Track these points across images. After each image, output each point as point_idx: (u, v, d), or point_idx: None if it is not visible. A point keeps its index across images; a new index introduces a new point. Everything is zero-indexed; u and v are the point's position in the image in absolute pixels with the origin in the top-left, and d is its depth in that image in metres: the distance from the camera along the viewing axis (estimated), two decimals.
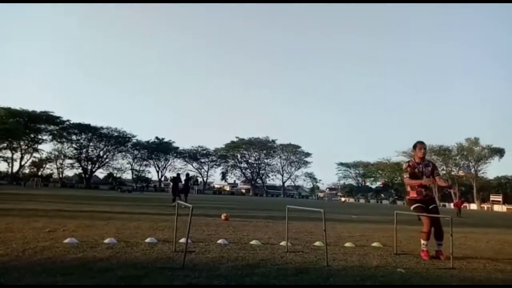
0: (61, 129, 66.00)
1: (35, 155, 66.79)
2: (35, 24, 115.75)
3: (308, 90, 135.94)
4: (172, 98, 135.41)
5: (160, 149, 77.35)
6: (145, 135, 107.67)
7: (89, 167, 70.33)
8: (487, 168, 69.83)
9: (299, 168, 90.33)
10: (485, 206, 62.43)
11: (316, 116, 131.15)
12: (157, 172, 79.29)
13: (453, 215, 12.32)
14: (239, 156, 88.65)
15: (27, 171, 70.26)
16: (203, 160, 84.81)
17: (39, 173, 69.81)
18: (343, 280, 3.73)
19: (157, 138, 78.47)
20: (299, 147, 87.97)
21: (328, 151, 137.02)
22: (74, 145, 68.74)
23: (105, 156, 71.71)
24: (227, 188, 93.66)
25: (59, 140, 66.65)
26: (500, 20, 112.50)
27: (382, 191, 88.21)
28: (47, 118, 63.25)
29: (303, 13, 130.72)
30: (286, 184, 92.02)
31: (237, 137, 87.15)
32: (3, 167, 70.67)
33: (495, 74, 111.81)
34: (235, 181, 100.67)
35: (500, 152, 67.75)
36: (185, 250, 4.04)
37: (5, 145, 58.99)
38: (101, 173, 78.15)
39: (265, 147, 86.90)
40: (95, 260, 3.97)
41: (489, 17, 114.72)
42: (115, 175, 76.59)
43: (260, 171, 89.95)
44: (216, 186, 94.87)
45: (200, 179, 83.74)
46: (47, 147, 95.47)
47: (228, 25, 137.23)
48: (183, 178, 18.07)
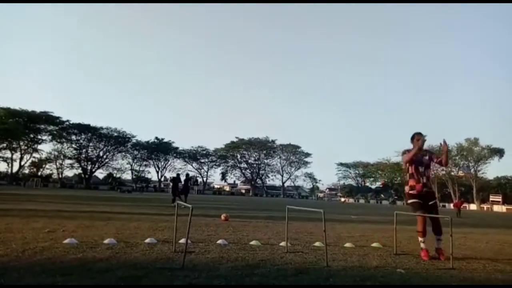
0: (61, 129, 65.98)
1: (34, 155, 66.95)
2: (35, 24, 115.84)
3: (308, 90, 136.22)
4: (172, 98, 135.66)
5: (159, 149, 77.38)
6: (144, 135, 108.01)
7: (89, 167, 70.33)
8: (487, 169, 70.06)
9: (299, 168, 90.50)
10: (485, 206, 62.47)
11: (316, 116, 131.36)
12: (157, 172, 79.47)
13: (452, 215, 12.32)
14: (239, 156, 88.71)
15: (26, 171, 70.29)
16: (203, 160, 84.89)
17: (39, 173, 69.84)
18: (343, 280, 3.73)
19: (156, 138, 78.55)
20: (299, 147, 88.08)
21: (328, 151, 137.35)
22: (73, 145, 68.74)
23: (104, 156, 71.74)
24: (227, 189, 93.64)
25: (58, 140, 66.64)
26: (500, 20, 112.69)
27: (382, 191, 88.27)
28: (46, 118, 63.24)
29: (303, 13, 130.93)
30: (286, 185, 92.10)
31: (236, 137, 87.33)
32: (2, 167, 71.03)
33: (495, 74, 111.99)
34: (235, 182, 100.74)
35: (499, 153, 67.84)
36: (185, 251, 4.04)
37: (4, 145, 59.00)
38: (100, 174, 78.33)
39: (264, 147, 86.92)
40: (95, 260, 3.97)
41: (489, 17, 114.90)
42: (114, 175, 76.62)
43: (260, 171, 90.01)
44: (216, 187, 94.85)
45: (200, 179, 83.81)
46: (46, 147, 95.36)
47: (228, 25, 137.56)
48: (183, 178, 18.04)
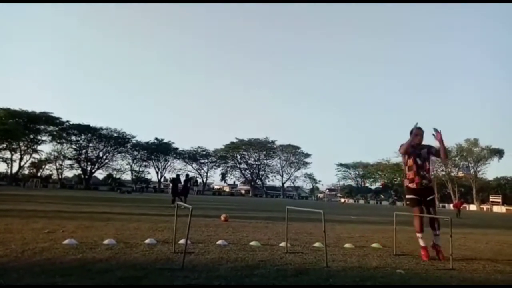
0: (61, 130, 65.94)
1: (34, 156, 66.93)
2: (35, 24, 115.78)
3: (308, 90, 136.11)
4: (172, 99, 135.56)
5: (159, 150, 77.37)
6: (144, 135, 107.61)
7: (89, 168, 70.27)
8: (487, 169, 70.06)
9: (299, 169, 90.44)
10: (485, 207, 62.46)
11: (315, 116, 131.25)
12: (157, 173, 79.44)
13: (452, 216, 12.31)
14: (238, 157, 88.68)
15: (26, 172, 70.26)
16: (202, 161, 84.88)
17: (39, 174, 69.82)
18: (343, 281, 3.73)
19: (156, 139, 78.54)
20: (299, 148, 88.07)
21: (328, 152, 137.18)
22: (73, 146, 68.68)
23: (104, 157, 71.69)
24: (227, 189, 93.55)
25: (58, 141, 66.60)
26: (500, 20, 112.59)
27: (382, 192, 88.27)
28: (46, 119, 63.22)
29: (303, 13, 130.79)
30: (285, 185, 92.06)
31: (236, 138, 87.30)
32: (2, 168, 71.01)
33: (495, 74, 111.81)
34: (234, 182, 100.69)
35: (499, 153, 67.84)
36: (184, 251, 4.03)
37: (4, 146, 58.97)
38: (100, 174, 78.26)
39: (264, 148, 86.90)
40: (95, 261, 3.96)
41: (489, 17, 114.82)
42: (114, 176, 76.58)
43: (260, 172, 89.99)
44: (216, 187, 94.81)
45: (199, 180, 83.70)
46: (46, 148, 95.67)
47: (228, 25, 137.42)
48: (182, 179, 18.02)
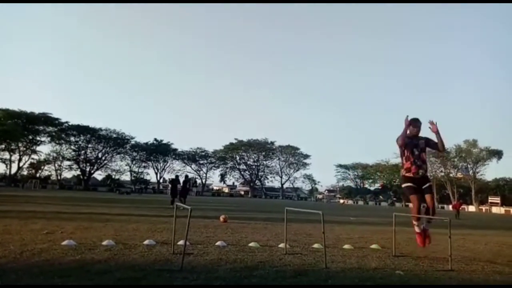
0: (60, 130, 65.82)
1: (33, 156, 66.67)
2: (34, 24, 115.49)
3: (307, 90, 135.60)
4: (171, 99, 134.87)
5: (158, 151, 77.29)
6: (143, 136, 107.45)
7: (88, 169, 70.13)
8: (485, 170, 69.87)
9: (298, 169, 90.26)
10: (484, 208, 62.51)
11: (315, 117, 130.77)
12: (156, 174, 79.30)
13: (451, 217, 12.33)
14: (237, 158, 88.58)
15: (25, 172, 70.05)
16: (201, 162, 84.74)
17: (37, 174, 69.61)
18: (342, 282, 3.74)
19: (155, 139, 78.44)
20: (298, 149, 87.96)
21: (327, 153, 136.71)
22: (72, 147, 68.54)
23: (103, 158, 71.56)
24: (226, 190, 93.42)
25: (57, 141, 66.46)
26: (500, 20, 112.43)
27: (381, 193, 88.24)
28: (45, 120, 63.12)
29: (303, 13, 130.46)
30: (285, 186, 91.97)
31: (236, 138, 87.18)
32: (1, 168, 70.66)
33: (495, 74, 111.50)
34: (233, 183, 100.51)
35: (498, 154, 67.88)
36: (183, 252, 4.03)
37: (3, 146, 58.85)
38: (99, 175, 78.02)
39: (263, 148, 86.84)
40: (93, 262, 3.96)
41: (489, 17, 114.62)
42: (113, 177, 76.42)
43: (259, 173, 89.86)
44: (215, 188, 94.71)
45: (198, 181, 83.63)
46: (45, 149, 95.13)
47: (228, 25, 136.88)
48: (181, 180, 18.01)
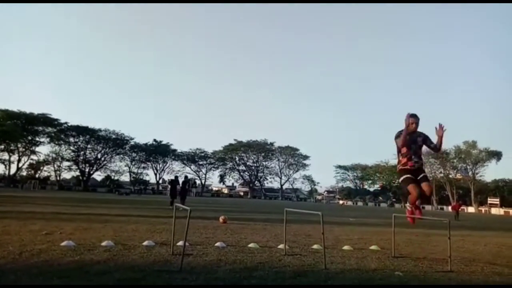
0: (59, 131, 65.78)
1: (32, 157, 66.60)
2: (34, 24, 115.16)
3: (307, 91, 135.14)
4: (171, 100, 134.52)
5: (158, 152, 77.25)
6: (143, 137, 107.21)
7: (87, 170, 70.06)
8: (485, 171, 69.91)
9: (297, 170, 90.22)
10: (483, 209, 62.52)
11: (314, 118, 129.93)
12: (155, 174, 79.25)
13: (451, 218, 12.34)
14: (237, 158, 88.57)
15: (24, 173, 69.89)
16: (201, 163, 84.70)
17: (37, 175, 69.44)
18: (341, 283, 3.73)
19: (155, 140, 78.42)
20: (297, 150, 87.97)
21: (326, 154, 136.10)
22: (71, 148, 68.48)
23: (103, 159, 71.51)
24: (225, 191, 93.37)
25: (56, 142, 66.40)
26: (500, 20, 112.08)
27: (380, 194, 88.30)
28: (44, 120, 63.09)
29: (302, 14, 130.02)
30: (284, 187, 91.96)
31: (235, 139, 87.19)
32: (0, 169, 70.24)
33: (495, 75, 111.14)
34: (233, 184, 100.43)
35: (497, 155, 67.94)
36: (182, 253, 4.03)
37: (2, 147, 58.79)
38: (98, 176, 77.85)
39: (263, 149, 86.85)
40: (93, 263, 3.95)
41: (489, 17, 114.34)
42: (112, 177, 76.32)
43: (258, 174, 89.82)
44: (214, 189, 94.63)
45: (198, 181, 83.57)
46: (44, 150, 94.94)
47: (228, 26, 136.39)
48: (181, 180, 18.03)
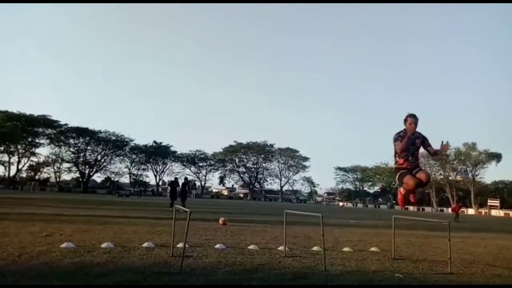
0: (59, 132, 65.77)
1: (32, 159, 66.53)
2: (34, 25, 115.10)
3: (307, 93, 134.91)
4: (171, 101, 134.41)
5: (158, 153, 77.23)
6: (143, 139, 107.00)
7: (87, 171, 70.00)
8: (485, 173, 69.93)
9: (297, 172, 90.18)
10: (483, 211, 62.47)
11: (314, 119, 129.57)
12: (155, 176, 79.20)
13: (451, 220, 12.31)
14: (237, 160, 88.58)
15: (24, 175, 69.85)
16: (201, 164, 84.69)
17: (37, 177, 69.38)
18: (341, 285, 3.73)
19: (155, 142, 78.43)
20: (297, 151, 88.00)
21: (326, 155, 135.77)
22: (71, 149, 68.45)
23: (102, 160, 71.48)
24: (225, 193, 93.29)
25: (56, 144, 66.40)
26: (500, 20, 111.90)
27: (380, 195, 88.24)
28: (44, 122, 63.11)
29: (302, 15, 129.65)
30: (284, 189, 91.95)
31: (235, 141, 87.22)
32: (0, 171, 70.20)
33: (495, 76, 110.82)
34: (233, 186, 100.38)
35: (497, 157, 67.97)
36: (182, 255, 4.02)
37: (2, 148, 58.80)
38: (98, 177, 77.80)
39: (263, 151, 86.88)
40: (92, 264, 3.95)
41: (489, 17, 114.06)
42: (112, 179, 76.27)
43: (258, 176, 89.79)
44: (214, 191, 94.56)
45: (198, 183, 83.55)
46: (44, 151, 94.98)
47: (228, 28, 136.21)
48: (181, 182, 18.03)
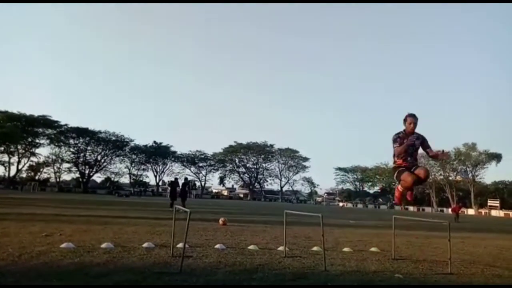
0: (59, 133, 65.76)
1: (32, 159, 66.52)
2: (34, 25, 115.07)
3: (307, 93, 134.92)
4: (171, 101, 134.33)
5: (158, 153, 77.24)
6: (143, 139, 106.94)
7: (87, 171, 69.98)
8: (485, 173, 69.88)
9: (297, 172, 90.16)
10: (483, 211, 62.46)
11: (314, 120, 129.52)
12: (155, 176, 79.18)
13: (451, 220, 12.32)
14: (237, 160, 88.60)
15: (24, 175, 69.85)
16: (201, 165, 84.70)
17: (36, 177, 69.39)
18: (341, 285, 3.73)
19: (155, 142, 78.43)
20: (297, 152, 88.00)
21: (326, 155, 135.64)
22: (71, 149, 68.43)
23: (102, 160, 71.46)
24: (225, 193, 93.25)
25: (56, 144, 66.38)
26: (500, 20, 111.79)
27: (380, 196, 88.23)
28: (44, 122, 63.11)
29: (302, 16, 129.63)
30: (284, 189, 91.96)
31: (235, 141, 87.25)
32: (0, 171, 70.21)
33: (494, 76, 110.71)
34: (233, 186, 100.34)
35: (497, 157, 67.97)
36: (182, 255, 4.02)
37: (2, 149, 58.80)
38: (98, 178, 77.76)
39: (263, 151, 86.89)
40: (92, 265, 3.94)
41: (489, 17, 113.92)
42: (112, 179, 76.26)
43: (258, 176, 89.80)
44: (214, 191, 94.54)
45: (198, 183, 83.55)
46: (44, 151, 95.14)
47: (228, 28, 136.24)
48: (181, 182, 18.03)
